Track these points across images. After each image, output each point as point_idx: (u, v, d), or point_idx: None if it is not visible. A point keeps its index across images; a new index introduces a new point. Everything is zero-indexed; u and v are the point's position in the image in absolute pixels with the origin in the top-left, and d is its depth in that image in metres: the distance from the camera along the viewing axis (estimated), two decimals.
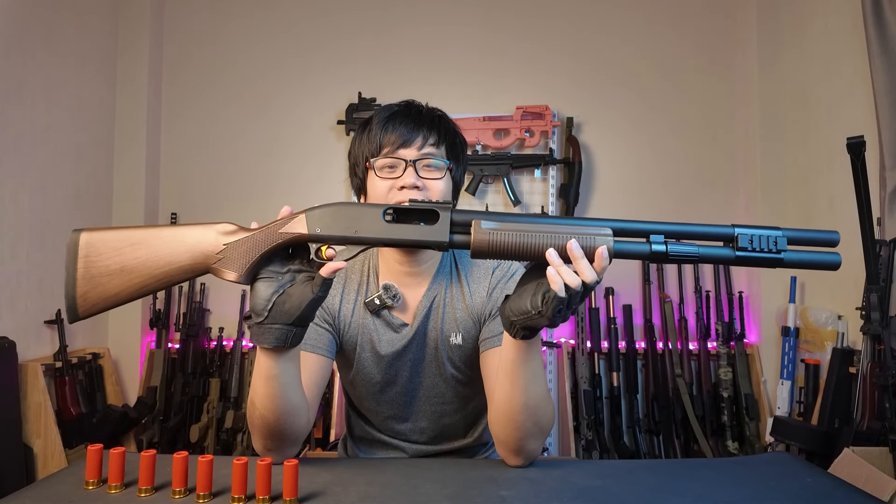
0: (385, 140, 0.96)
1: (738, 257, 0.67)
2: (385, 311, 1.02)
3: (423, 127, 0.97)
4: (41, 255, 2.15)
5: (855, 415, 1.85)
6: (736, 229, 0.68)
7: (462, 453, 1.13)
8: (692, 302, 2.65)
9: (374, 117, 1.00)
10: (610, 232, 0.69)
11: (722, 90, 2.77)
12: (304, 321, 0.76)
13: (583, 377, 2.55)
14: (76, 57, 2.34)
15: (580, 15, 2.80)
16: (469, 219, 0.71)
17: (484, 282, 1.04)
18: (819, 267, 0.68)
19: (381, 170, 0.96)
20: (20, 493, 0.77)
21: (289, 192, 2.75)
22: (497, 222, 0.70)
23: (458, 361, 1.04)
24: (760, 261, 0.67)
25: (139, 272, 0.73)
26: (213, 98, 2.80)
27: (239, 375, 2.61)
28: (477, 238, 0.70)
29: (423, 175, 0.95)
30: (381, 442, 1.12)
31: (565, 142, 2.69)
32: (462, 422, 1.11)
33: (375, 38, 2.80)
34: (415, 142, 0.95)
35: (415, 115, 0.98)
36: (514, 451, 0.88)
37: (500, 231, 0.69)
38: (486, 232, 0.69)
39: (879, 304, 1.74)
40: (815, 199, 2.35)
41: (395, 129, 0.95)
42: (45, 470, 1.97)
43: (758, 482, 0.84)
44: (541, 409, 0.86)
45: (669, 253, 0.68)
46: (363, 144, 0.99)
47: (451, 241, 0.71)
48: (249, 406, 0.85)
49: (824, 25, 2.29)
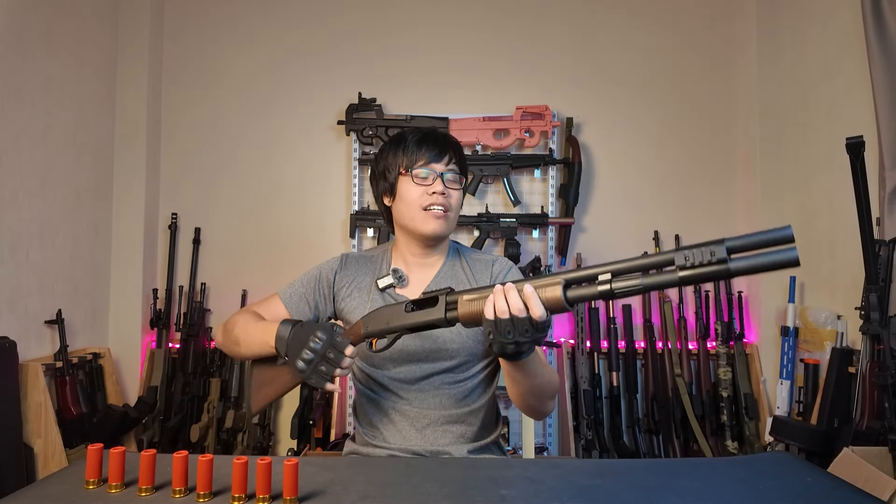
0: (420, 155, 1.17)
1: (681, 278, 0.69)
2: (391, 290, 1.20)
3: (448, 148, 1.19)
4: (41, 255, 2.15)
5: (854, 414, 1.85)
6: (675, 255, 0.69)
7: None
8: (691, 302, 2.65)
9: (408, 137, 1.20)
10: (561, 281, 0.79)
11: (722, 90, 2.77)
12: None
13: (582, 377, 2.55)
14: (76, 57, 2.34)
15: (580, 15, 2.80)
16: (455, 298, 0.92)
17: (486, 273, 1.23)
18: (775, 267, 0.65)
19: (416, 177, 1.16)
20: (20, 493, 0.77)
21: (289, 191, 2.75)
22: (474, 293, 0.90)
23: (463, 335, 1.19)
24: (706, 275, 0.67)
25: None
26: (213, 98, 2.80)
27: (239, 375, 2.61)
28: (459, 312, 0.91)
29: (448, 186, 1.17)
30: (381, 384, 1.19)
31: (565, 142, 2.70)
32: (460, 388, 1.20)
33: (376, 39, 2.80)
34: (443, 159, 1.18)
35: (441, 139, 1.20)
36: (530, 415, 1.12)
37: (479, 300, 0.88)
38: (466, 302, 0.90)
39: (879, 303, 1.75)
40: (815, 199, 2.35)
41: (428, 147, 1.17)
42: (45, 470, 1.97)
43: (757, 482, 0.84)
44: (545, 388, 1.03)
45: (614, 290, 0.74)
46: (399, 157, 1.19)
47: (447, 319, 0.93)
48: (233, 339, 1.13)
49: (824, 26, 2.29)
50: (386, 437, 1.17)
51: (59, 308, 2.20)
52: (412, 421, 1.16)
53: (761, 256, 0.65)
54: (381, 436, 1.18)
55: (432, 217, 1.14)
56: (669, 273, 0.69)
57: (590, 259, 2.72)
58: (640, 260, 0.73)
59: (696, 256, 0.66)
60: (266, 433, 2.57)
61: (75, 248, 2.35)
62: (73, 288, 2.33)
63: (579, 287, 0.79)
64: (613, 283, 0.73)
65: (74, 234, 2.35)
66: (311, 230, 2.73)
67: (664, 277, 0.70)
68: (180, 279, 2.74)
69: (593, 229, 2.73)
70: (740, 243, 0.66)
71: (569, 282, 0.79)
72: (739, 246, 0.66)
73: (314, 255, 2.71)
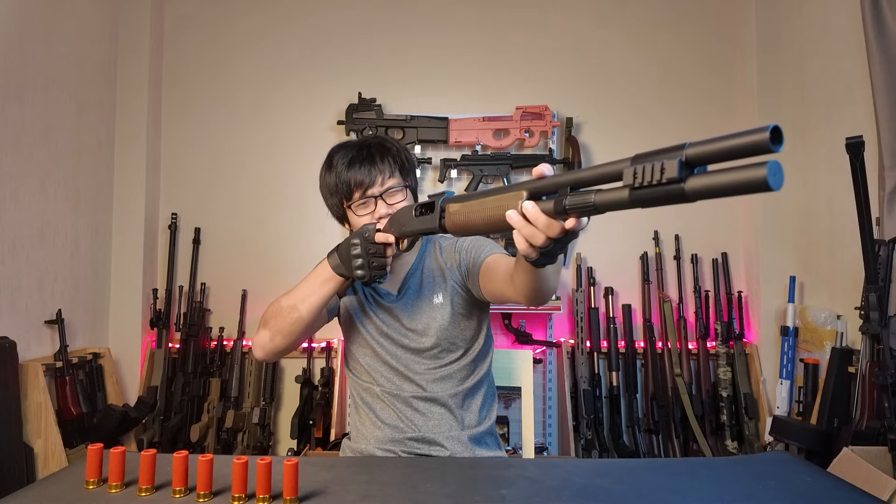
0: (353, 183, 1.14)
1: (630, 200, 0.56)
2: (375, 284, 1.22)
3: (377, 164, 1.14)
4: (41, 255, 2.15)
5: (854, 414, 1.85)
6: (625, 168, 0.56)
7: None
8: (691, 302, 2.65)
9: (335, 162, 1.16)
10: (524, 195, 0.71)
11: (721, 90, 2.78)
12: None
13: (582, 377, 2.56)
14: (76, 57, 2.34)
15: (580, 15, 2.80)
16: (444, 204, 0.87)
17: (453, 254, 1.24)
18: (741, 189, 0.48)
19: (357, 209, 1.15)
20: (20, 493, 0.77)
21: (289, 191, 2.75)
22: (459, 203, 0.84)
23: (440, 319, 1.21)
24: (659, 197, 0.54)
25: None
26: (213, 98, 2.80)
27: (239, 375, 2.61)
28: (448, 221, 0.86)
29: (390, 202, 1.14)
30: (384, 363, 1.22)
31: (565, 142, 2.70)
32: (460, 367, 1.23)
33: (376, 39, 2.80)
34: (376, 180, 1.14)
35: (368, 157, 1.15)
36: (535, 300, 1.01)
37: (459, 212, 0.83)
38: (453, 213, 0.85)
39: (878, 303, 1.75)
40: (815, 198, 2.36)
41: (356, 173, 1.13)
42: (45, 470, 1.97)
43: (757, 481, 0.84)
44: (553, 275, 0.95)
45: (566, 206, 0.64)
46: (334, 187, 1.16)
47: (441, 226, 0.88)
48: (287, 310, 1.09)
49: (824, 26, 2.29)
50: (379, 423, 1.20)
51: (59, 308, 2.20)
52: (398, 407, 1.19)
53: (727, 174, 0.48)
54: (373, 427, 1.20)
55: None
56: (619, 191, 0.57)
57: (590, 259, 2.73)
58: (594, 170, 0.61)
59: (647, 173, 0.53)
60: (266, 433, 2.57)
61: (75, 248, 2.35)
62: (73, 288, 2.33)
63: (539, 202, 0.70)
64: (567, 200, 0.64)
65: (74, 234, 2.35)
66: (311, 230, 2.73)
67: (614, 196, 0.58)
68: (180, 279, 2.74)
69: (593, 229, 2.73)
70: (703, 151, 0.50)
71: (532, 194, 0.70)
72: (703, 155, 0.50)
73: (314, 255, 2.69)
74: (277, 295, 1.16)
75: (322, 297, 1.08)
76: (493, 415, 1.26)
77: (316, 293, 1.08)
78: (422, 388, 1.18)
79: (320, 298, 1.08)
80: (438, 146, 2.67)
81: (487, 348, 1.27)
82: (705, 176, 0.50)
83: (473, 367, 1.23)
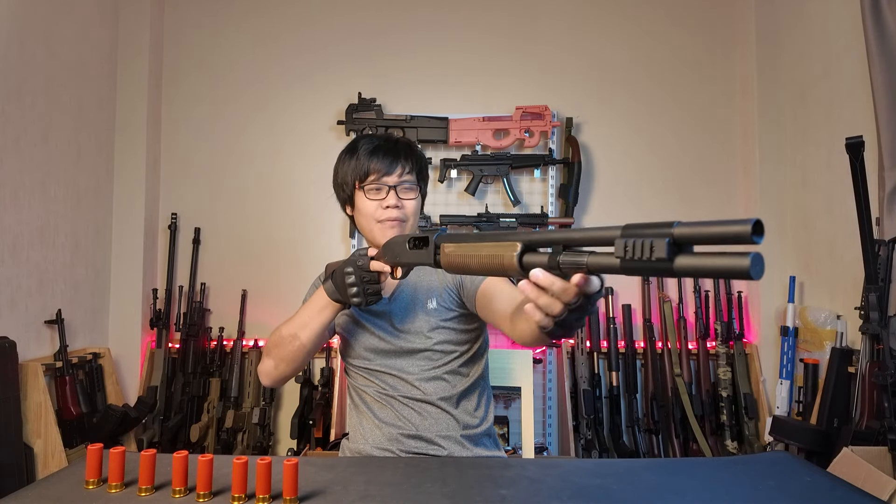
0: (371, 168, 1.17)
1: (622, 267, 0.57)
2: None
3: (401, 158, 1.18)
4: (41, 255, 2.15)
5: (854, 414, 1.85)
6: (617, 240, 0.57)
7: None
8: (691, 302, 2.65)
9: (360, 146, 1.20)
10: (518, 247, 0.68)
11: (721, 90, 2.78)
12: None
13: (582, 377, 2.56)
14: (76, 57, 2.34)
15: (580, 15, 2.80)
16: (439, 242, 0.86)
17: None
18: (724, 275, 0.51)
19: (369, 192, 1.18)
20: (20, 493, 0.77)
21: (289, 191, 2.75)
22: (454, 244, 0.82)
23: (433, 322, 1.22)
24: (648, 270, 0.55)
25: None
26: (213, 98, 2.80)
27: (239, 375, 2.61)
28: (444, 260, 0.84)
29: (401, 196, 1.18)
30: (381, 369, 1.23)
31: (565, 142, 2.70)
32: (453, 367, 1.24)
33: (375, 40, 2.80)
34: (395, 171, 1.17)
35: (393, 149, 1.19)
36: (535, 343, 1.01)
37: (454, 254, 0.81)
38: (448, 253, 0.83)
39: (878, 303, 1.75)
40: (814, 199, 2.36)
41: (379, 159, 1.17)
42: (45, 470, 1.97)
43: (757, 481, 0.84)
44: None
45: (560, 263, 0.64)
46: (351, 169, 1.19)
47: (436, 262, 0.87)
48: (289, 339, 1.12)
49: (823, 26, 2.29)
50: (378, 421, 1.20)
51: (59, 308, 2.20)
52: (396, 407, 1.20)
53: (712, 259, 0.51)
54: (371, 425, 1.21)
55: (388, 229, 1.17)
56: (611, 257, 0.59)
57: None
58: (586, 232, 0.62)
59: (637, 249, 0.55)
60: (266, 433, 2.57)
61: (75, 248, 2.35)
62: (73, 288, 2.33)
63: (534, 254, 0.69)
64: (561, 257, 0.64)
65: (74, 234, 2.35)
66: (311, 230, 2.73)
67: (606, 261, 0.59)
68: (180, 279, 2.74)
69: None
70: (690, 233, 0.52)
71: (527, 246, 0.69)
72: (689, 237, 0.52)
73: (314, 255, 2.71)
74: (277, 295, 1.17)
75: (321, 323, 1.11)
76: (490, 416, 1.26)
77: (315, 320, 1.11)
78: (416, 389, 1.19)
79: (319, 325, 1.11)
80: (438, 146, 2.67)
81: (482, 350, 1.28)
82: (693, 257, 0.52)
83: (467, 369, 1.24)
